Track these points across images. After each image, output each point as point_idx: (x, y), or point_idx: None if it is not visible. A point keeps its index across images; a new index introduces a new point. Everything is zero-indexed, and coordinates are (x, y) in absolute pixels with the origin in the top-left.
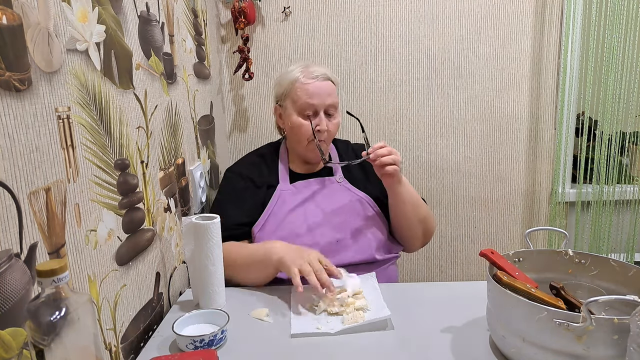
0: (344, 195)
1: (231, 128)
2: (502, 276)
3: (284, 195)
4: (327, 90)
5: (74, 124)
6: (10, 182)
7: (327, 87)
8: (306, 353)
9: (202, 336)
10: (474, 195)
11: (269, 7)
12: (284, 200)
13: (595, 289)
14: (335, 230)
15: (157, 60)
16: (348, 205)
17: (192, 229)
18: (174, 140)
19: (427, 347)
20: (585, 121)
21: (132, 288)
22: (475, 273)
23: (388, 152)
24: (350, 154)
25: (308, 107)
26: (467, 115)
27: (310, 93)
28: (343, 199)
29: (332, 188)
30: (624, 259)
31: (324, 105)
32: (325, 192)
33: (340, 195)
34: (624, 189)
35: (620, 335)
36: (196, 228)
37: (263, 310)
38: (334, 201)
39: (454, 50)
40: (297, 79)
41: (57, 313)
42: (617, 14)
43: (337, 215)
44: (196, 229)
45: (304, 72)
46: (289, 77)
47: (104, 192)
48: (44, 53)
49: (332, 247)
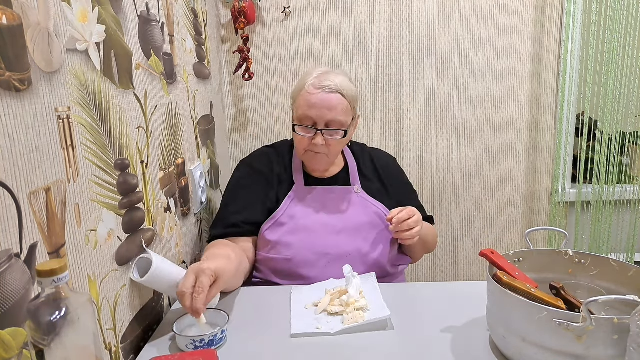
0: (361, 208)
1: (231, 128)
2: (502, 276)
3: (298, 198)
4: (330, 104)
5: (74, 124)
6: (10, 182)
7: (332, 100)
8: (306, 353)
9: (202, 336)
10: (474, 195)
11: (269, 7)
12: (298, 205)
13: (595, 289)
14: (348, 245)
15: (157, 60)
16: (364, 218)
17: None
18: (174, 140)
19: (427, 347)
20: (585, 121)
21: (132, 288)
22: (475, 273)
23: (408, 215)
24: (367, 161)
25: (305, 119)
26: (467, 115)
27: (311, 104)
28: (360, 211)
29: (350, 199)
30: (624, 259)
31: (323, 119)
32: (341, 202)
33: (358, 207)
34: (624, 189)
35: (620, 335)
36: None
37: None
38: (350, 213)
39: (454, 50)
40: (305, 85)
41: (57, 313)
42: (617, 14)
43: (351, 227)
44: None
45: (316, 80)
46: (303, 80)
47: (104, 192)
48: (44, 53)
49: (343, 262)
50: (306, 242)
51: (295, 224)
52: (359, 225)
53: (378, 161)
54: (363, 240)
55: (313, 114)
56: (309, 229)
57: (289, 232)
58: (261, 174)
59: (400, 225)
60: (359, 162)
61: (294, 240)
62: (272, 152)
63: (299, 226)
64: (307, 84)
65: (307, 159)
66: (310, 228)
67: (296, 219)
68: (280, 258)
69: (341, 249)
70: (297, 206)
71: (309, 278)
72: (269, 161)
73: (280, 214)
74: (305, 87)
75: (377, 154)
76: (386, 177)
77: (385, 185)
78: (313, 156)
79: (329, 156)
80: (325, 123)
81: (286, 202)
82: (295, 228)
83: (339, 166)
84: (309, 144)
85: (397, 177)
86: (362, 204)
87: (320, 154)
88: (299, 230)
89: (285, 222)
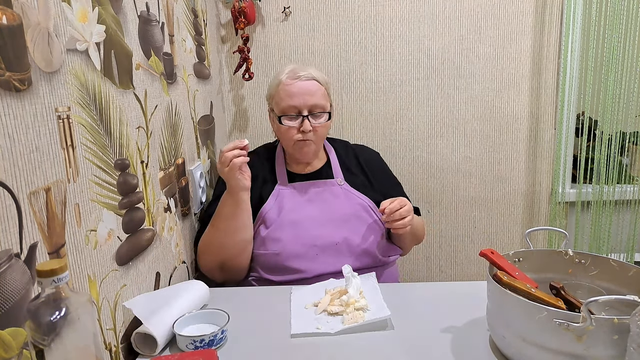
0: (345, 199)
1: (231, 128)
2: (502, 276)
3: (282, 194)
4: (309, 89)
5: (74, 124)
6: (10, 182)
7: (310, 86)
8: (306, 353)
9: (202, 336)
10: (474, 195)
11: (269, 7)
12: (283, 201)
13: (595, 289)
14: (335, 234)
15: (157, 60)
16: (349, 209)
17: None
18: (174, 140)
19: (427, 347)
20: (585, 121)
21: (132, 288)
22: (475, 273)
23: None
24: (350, 156)
25: (290, 109)
26: (467, 115)
27: (292, 93)
28: (344, 202)
29: (333, 191)
30: (624, 259)
31: (306, 105)
32: (326, 194)
33: (341, 198)
34: (624, 189)
35: (620, 335)
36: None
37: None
38: (335, 204)
39: (454, 50)
40: (281, 80)
41: (57, 313)
42: (617, 14)
43: (337, 218)
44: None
45: (290, 73)
46: (276, 80)
47: (104, 192)
48: (44, 53)
49: (332, 251)
50: (293, 235)
51: (282, 219)
52: (345, 216)
53: (361, 155)
54: (350, 230)
55: (296, 102)
56: (296, 222)
57: (276, 228)
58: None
59: (392, 215)
60: (341, 157)
61: (281, 235)
62: (254, 155)
63: (285, 221)
64: (282, 78)
65: (297, 149)
66: (297, 221)
67: (282, 214)
68: (269, 253)
69: (328, 239)
70: (282, 202)
71: (300, 270)
72: (251, 165)
73: (266, 211)
74: (282, 81)
75: (360, 149)
76: (370, 171)
77: (369, 179)
78: (302, 145)
79: (315, 142)
80: (309, 109)
81: (271, 200)
82: (282, 223)
83: (322, 161)
84: (297, 132)
85: (381, 170)
86: (346, 195)
87: (308, 141)
88: (285, 225)
89: (272, 219)
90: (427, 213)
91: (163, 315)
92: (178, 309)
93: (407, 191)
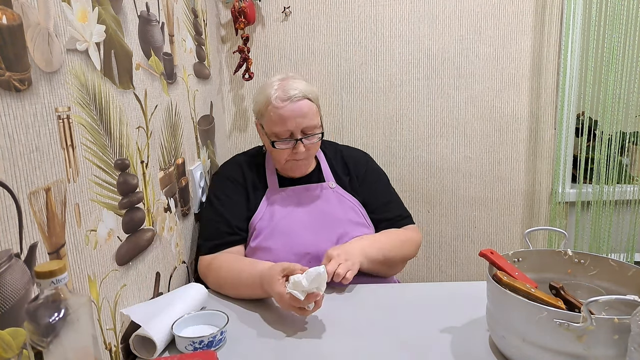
0: (337, 202)
1: (231, 128)
2: (502, 276)
3: (273, 200)
4: (302, 111)
5: (74, 124)
6: (10, 182)
7: (302, 107)
8: (306, 353)
9: (201, 337)
10: (474, 195)
11: (269, 7)
12: (274, 207)
13: (595, 289)
14: (328, 241)
15: (157, 60)
16: (341, 214)
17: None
18: (174, 140)
19: (427, 347)
20: (585, 121)
21: (132, 288)
22: (475, 273)
23: (337, 264)
24: (338, 160)
25: (283, 133)
26: (467, 115)
27: (284, 118)
28: (336, 206)
29: (325, 195)
30: (623, 259)
31: (299, 128)
32: (318, 198)
33: (334, 201)
34: (624, 189)
35: (621, 335)
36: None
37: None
38: (327, 209)
39: (454, 50)
40: (270, 100)
41: (56, 314)
42: (617, 14)
43: (330, 223)
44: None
45: (279, 91)
46: (265, 94)
47: (104, 192)
48: (44, 53)
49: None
50: (285, 244)
51: (273, 226)
52: (337, 220)
53: (348, 157)
54: (342, 235)
55: (289, 127)
56: (287, 230)
57: (267, 237)
58: (237, 182)
59: (337, 276)
60: (330, 160)
61: (272, 244)
62: (243, 160)
63: (276, 228)
64: (272, 97)
65: (289, 167)
66: (288, 229)
67: (274, 221)
68: None
69: (320, 247)
70: (273, 208)
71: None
72: (242, 169)
73: (258, 218)
74: (271, 102)
75: (347, 150)
76: (356, 173)
77: (357, 180)
78: (295, 164)
79: (308, 159)
80: (302, 130)
81: (262, 206)
82: (273, 231)
83: (312, 165)
84: (290, 153)
85: (367, 171)
86: (338, 198)
87: (302, 160)
88: (277, 233)
89: (263, 227)
90: (427, 213)
91: (162, 318)
92: (177, 312)
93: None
